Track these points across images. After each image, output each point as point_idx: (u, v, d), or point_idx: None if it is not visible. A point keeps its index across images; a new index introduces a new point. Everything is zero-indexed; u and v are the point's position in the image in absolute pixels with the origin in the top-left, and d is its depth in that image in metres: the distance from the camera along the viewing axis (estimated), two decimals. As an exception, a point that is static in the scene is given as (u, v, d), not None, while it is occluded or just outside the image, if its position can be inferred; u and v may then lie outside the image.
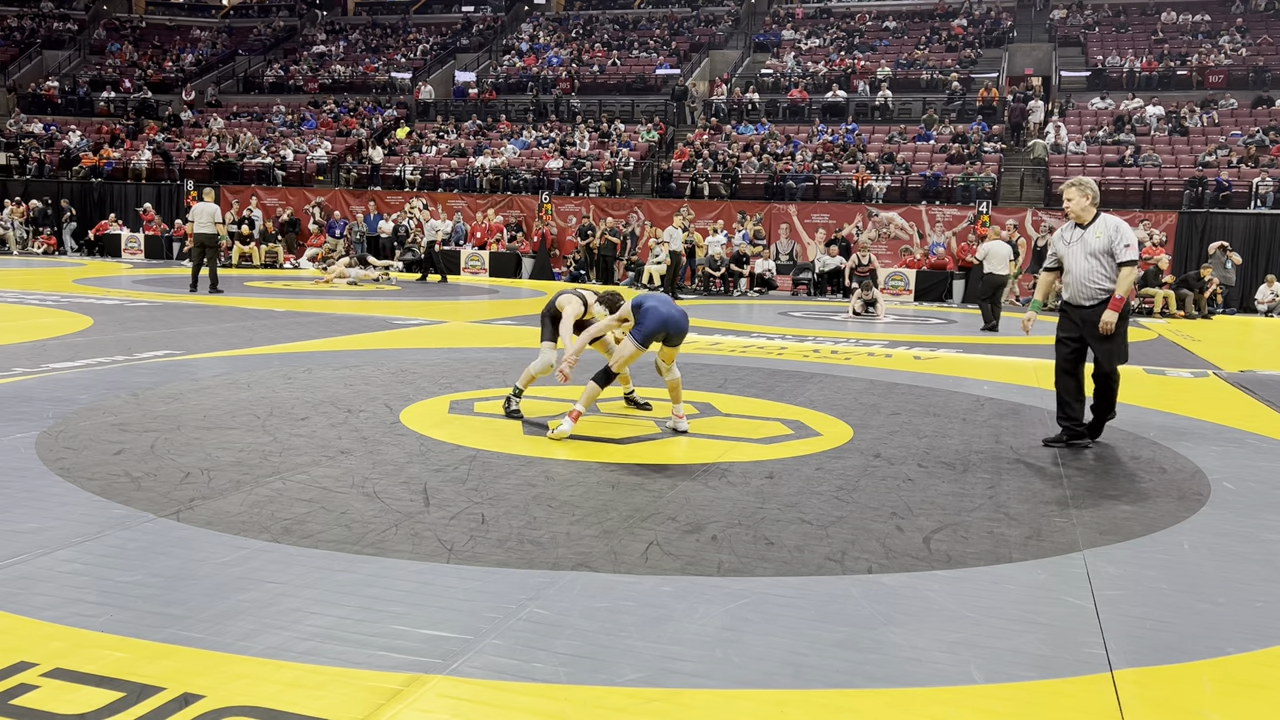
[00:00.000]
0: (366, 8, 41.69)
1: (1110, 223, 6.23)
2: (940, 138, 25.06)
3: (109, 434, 5.60)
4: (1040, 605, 3.52)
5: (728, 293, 20.27)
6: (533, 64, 32.71)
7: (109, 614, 3.14)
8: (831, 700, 2.76)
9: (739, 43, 33.31)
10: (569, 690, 2.75)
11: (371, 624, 3.13)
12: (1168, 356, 11.68)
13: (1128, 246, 6.15)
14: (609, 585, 3.55)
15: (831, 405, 7.45)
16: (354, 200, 25.25)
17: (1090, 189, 6.30)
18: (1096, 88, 27.35)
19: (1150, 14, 31.19)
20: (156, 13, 41.64)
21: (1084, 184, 6.31)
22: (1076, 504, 4.89)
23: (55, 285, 15.90)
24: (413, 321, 12.41)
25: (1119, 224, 6.24)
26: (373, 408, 6.66)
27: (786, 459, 5.64)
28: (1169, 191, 21.62)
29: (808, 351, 10.79)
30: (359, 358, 9.02)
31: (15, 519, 4.05)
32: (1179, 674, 3.02)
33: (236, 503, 4.38)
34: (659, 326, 6.11)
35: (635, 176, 25.64)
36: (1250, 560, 4.13)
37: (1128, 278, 6.16)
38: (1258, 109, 24.90)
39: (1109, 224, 6.22)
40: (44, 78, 35.20)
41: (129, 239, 25.03)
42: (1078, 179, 6.40)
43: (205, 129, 30.28)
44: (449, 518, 4.27)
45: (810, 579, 3.70)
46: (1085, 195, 6.26)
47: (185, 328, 10.80)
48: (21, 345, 8.99)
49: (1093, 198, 6.29)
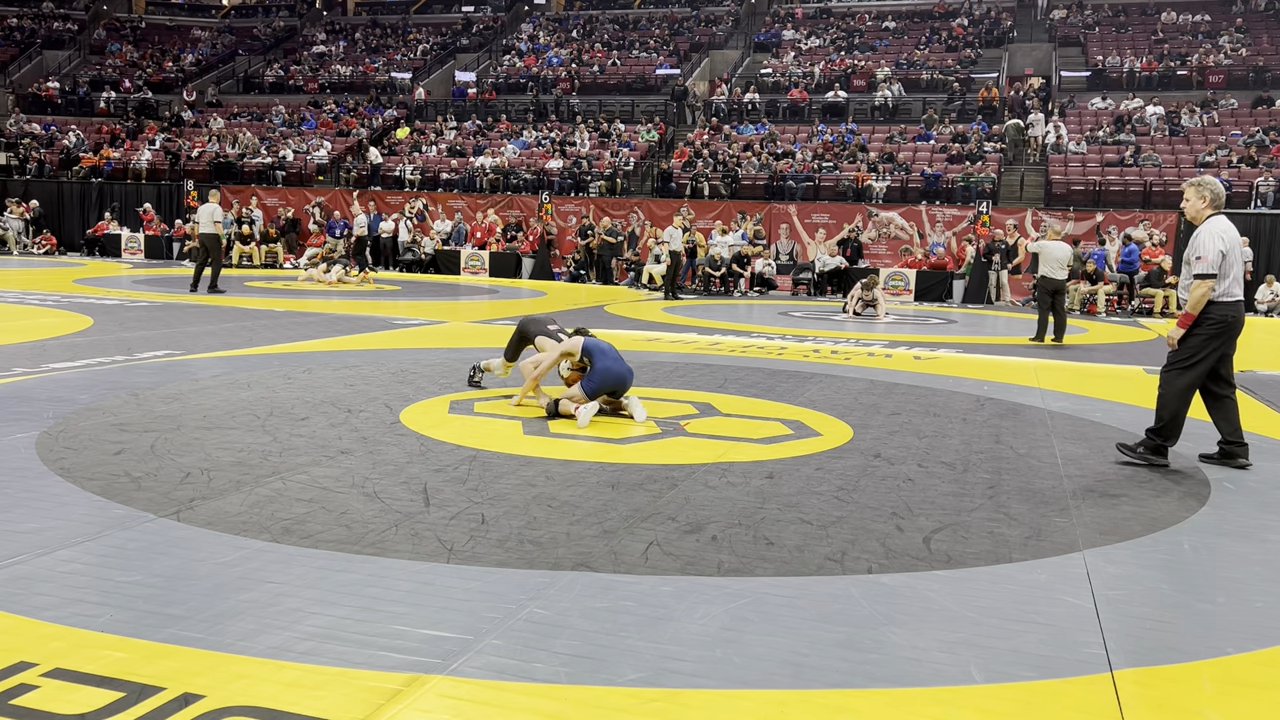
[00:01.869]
0: (366, 8, 41.70)
1: (1202, 229, 5.76)
2: (940, 138, 25.06)
3: (109, 434, 5.60)
4: (1040, 605, 3.52)
5: (728, 293, 20.27)
6: (533, 64, 32.71)
7: (109, 614, 3.14)
8: (831, 700, 2.76)
9: (739, 43, 33.32)
10: (569, 690, 2.75)
11: (371, 624, 3.13)
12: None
13: (1199, 259, 5.65)
14: (609, 585, 3.55)
15: (832, 405, 7.45)
16: (354, 200, 25.25)
17: (1209, 190, 5.79)
18: (1096, 88, 27.36)
19: (1150, 14, 31.19)
20: (156, 13, 41.65)
21: (1202, 184, 5.83)
22: (1076, 504, 4.89)
23: (55, 285, 15.90)
24: (413, 321, 12.41)
25: (1202, 230, 5.75)
26: (373, 408, 6.66)
27: (786, 459, 5.64)
28: (1169, 191, 21.60)
29: (808, 351, 10.79)
30: (359, 358, 9.02)
31: (15, 519, 4.05)
32: (1179, 674, 3.02)
33: (236, 503, 4.38)
34: (609, 383, 6.65)
35: (635, 176, 25.65)
36: (1250, 560, 4.13)
37: (1195, 290, 5.67)
38: (1258, 109, 24.91)
39: (1200, 230, 5.76)
40: (44, 78, 35.19)
41: (129, 239, 25.03)
42: (1197, 179, 5.91)
43: (205, 129, 30.29)
44: (449, 518, 4.27)
45: (810, 579, 3.70)
46: (1202, 197, 5.81)
47: (185, 328, 10.80)
48: (21, 345, 8.99)
49: (1211, 199, 5.78)
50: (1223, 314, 5.69)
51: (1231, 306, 5.71)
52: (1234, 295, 5.70)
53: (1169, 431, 5.80)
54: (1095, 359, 11.23)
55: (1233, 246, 5.72)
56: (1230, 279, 5.69)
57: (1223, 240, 5.66)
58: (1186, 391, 5.78)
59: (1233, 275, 5.70)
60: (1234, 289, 5.71)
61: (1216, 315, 5.68)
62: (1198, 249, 5.69)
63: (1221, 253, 5.62)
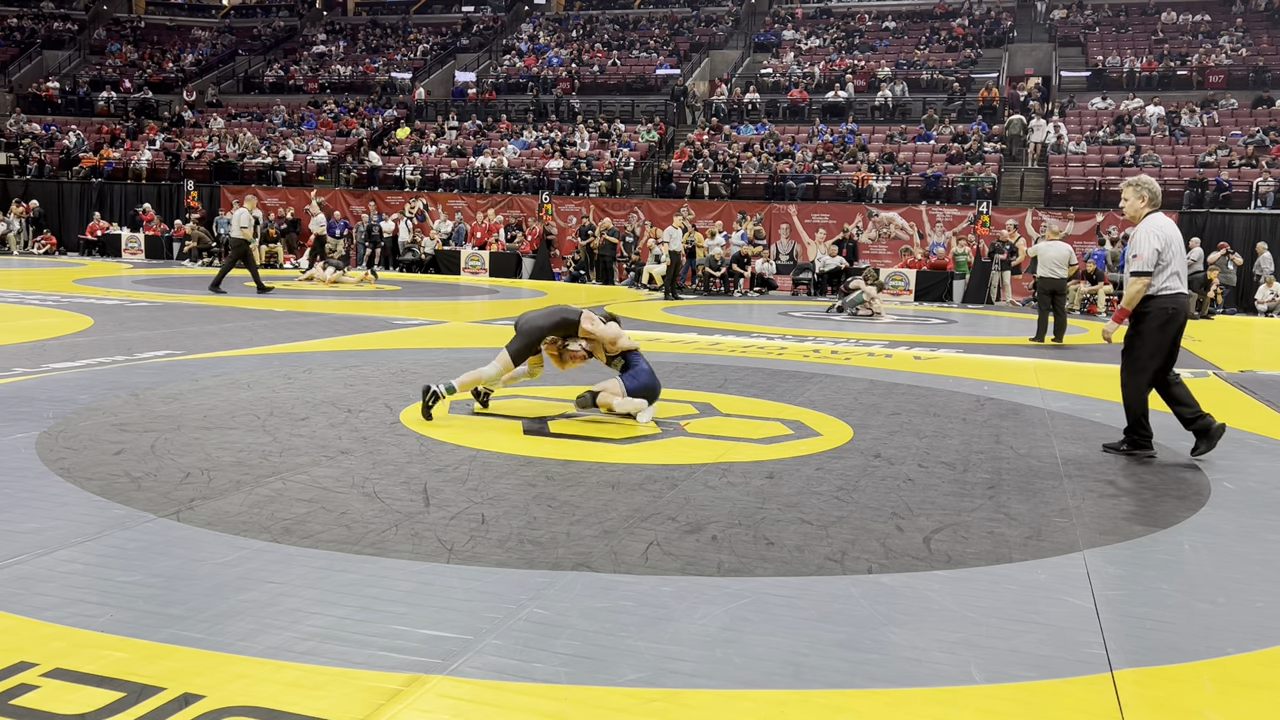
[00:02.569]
0: (366, 8, 41.70)
1: (1140, 228, 5.98)
2: (940, 138, 25.06)
3: (109, 434, 5.60)
4: (1040, 605, 3.52)
5: (728, 293, 20.27)
6: (533, 64, 32.72)
7: (109, 614, 3.14)
8: (831, 700, 2.76)
9: (739, 43, 33.32)
10: (569, 690, 2.75)
11: (371, 624, 3.13)
12: (1168, 356, 11.67)
13: (1135, 256, 5.88)
14: (609, 585, 3.55)
15: (831, 405, 7.45)
16: (354, 200, 25.26)
17: (1146, 189, 5.99)
18: (1096, 88, 27.36)
19: (1150, 14, 31.20)
20: (156, 13, 41.65)
21: (1139, 184, 6.03)
22: (1076, 504, 4.89)
23: (55, 285, 15.90)
24: (413, 321, 12.41)
25: (1140, 228, 5.97)
26: (373, 408, 6.66)
27: (786, 459, 5.64)
28: (1169, 192, 21.59)
29: (808, 351, 10.79)
30: (359, 358, 9.02)
31: (15, 519, 4.05)
32: (1179, 674, 3.02)
33: (236, 503, 4.38)
34: (651, 391, 6.64)
35: (635, 176, 25.65)
36: (1250, 560, 4.12)
37: (1131, 287, 5.91)
38: (1258, 109, 24.91)
39: (1138, 228, 5.98)
40: (44, 78, 35.20)
41: (129, 239, 25.04)
42: (1134, 179, 6.10)
43: (205, 129, 30.29)
44: (449, 518, 4.27)
45: (810, 579, 3.70)
46: (1141, 197, 6.01)
47: (185, 328, 10.80)
48: (21, 345, 8.99)
49: (1149, 198, 5.98)
50: (1164, 306, 5.90)
51: (1172, 299, 5.91)
52: (1173, 288, 5.91)
53: (1145, 425, 6.03)
54: (1095, 359, 11.23)
55: (1170, 242, 5.91)
56: (1169, 273, 5.88)
57: (1159, 237, 5.87)
58: (1148, 386, 6.02)
59: (1171, 269, 5.89)
60: (1172, 282, 5.91)
61: (1159, 308, 5.89)
62: (1135, 247, 5.91)
63: (1157, 250, 5.83)
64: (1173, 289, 5.89)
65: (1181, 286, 5.94)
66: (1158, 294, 5.88)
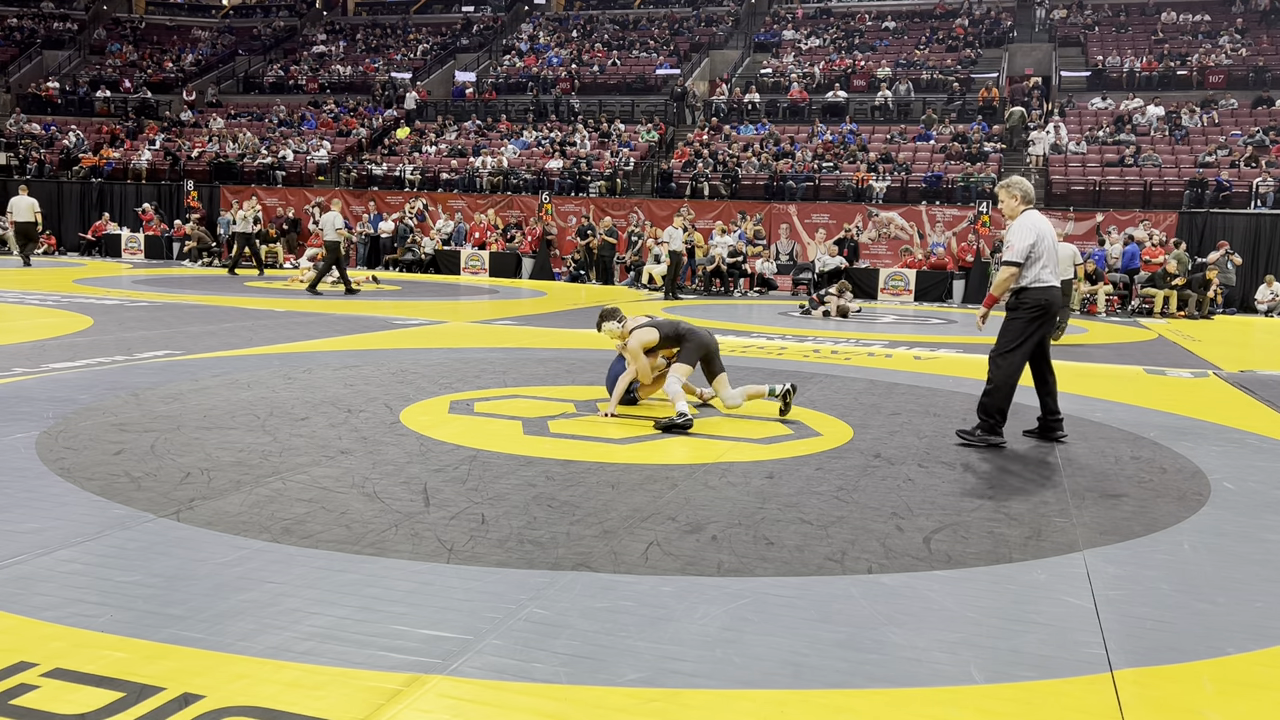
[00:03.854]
0: (366, 8, 41.70)
1: (1015, 223, 6.24)
2: (940, 138, 25.06)
3: (109, 434, 5.60)
4: (1040, 605, 3.52)
5: (728, 293, 20.27)
6: (533, 64, 32.71)
7: (109, 614, 3.14)
8: (831, 700, 2.76)
9: (739, 43, 33.31)
10: (569, 690, 2.75)
11: (371, 624, 3.13)
12: (1168, 356, 11.68)
13: (1008, 247, 6.18)
14: (609, 585, 3.55)
15: (831, 405, 7.45)
16: (354, 200, 25.25)
17: (1018, 189, 6.28)
18: (1096, 88, 27.35)
19: (1150, 14, 31.19)
20: (156, 13, 41.65)
21: (1010, 185, 6.32)
22: (1076, 504, 4.89)
23: (55, 285, 15.90)
24: (413, 321, 12.41)
25: (1015, 223, 6.22)
26: (373, 408, 6.66)
27: (786, 459, 5.64)
28: (1169, 191, 21.62)
29: (808, 351, 10.79)
30: (359, 358, 9.02)
31: (15, 519, 4.05)
32: (1179, 674, 3.02)
33: (236, 503, 4.38)
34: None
35: (635, 176, 25.64)
36: (1250, 560, 4.12)
37: (999, 275, 6.22)
38: (1258, 109, 24.91)
39: (1014, 224, 6.26)
40: (44, 78, 35.20)
41: (129, 239, 25.04)
42: (1005, 180, 6.43)
43: (205, 129, 30.29)
44: (449, 518, 4.27)
45: (810, 579, 3.70)
46: (1014, 196, 6.29)
47: (185, 328, 10.80)
48: (21, 345, 8.99)
49: (1021, 197, 6.27)
50: (1037, 299, 6.15)
51: (1045, 291, 6.17)
52: (1046, 281, 6.16)
53: (1003, 414, 6.20)
54: (1095, 359, 11.23)
55: (1043, 237, 6.18)
56: (1040, 265, 6.14)
57: (1032, 232, 6.14)
58: (1014, 373, 6.20)
59: (1043, 263, 6.15)
60: (1045, 275, 6.16)
61: (1032, 300, 6.15)
62: (1009, 240, 6.21)
63: (1031, 244, 6.10)
64: (1045, 282, 6.15)
65: (1054, 281, 6.21)
66: (1030, 286, 6.14)
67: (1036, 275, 6.14)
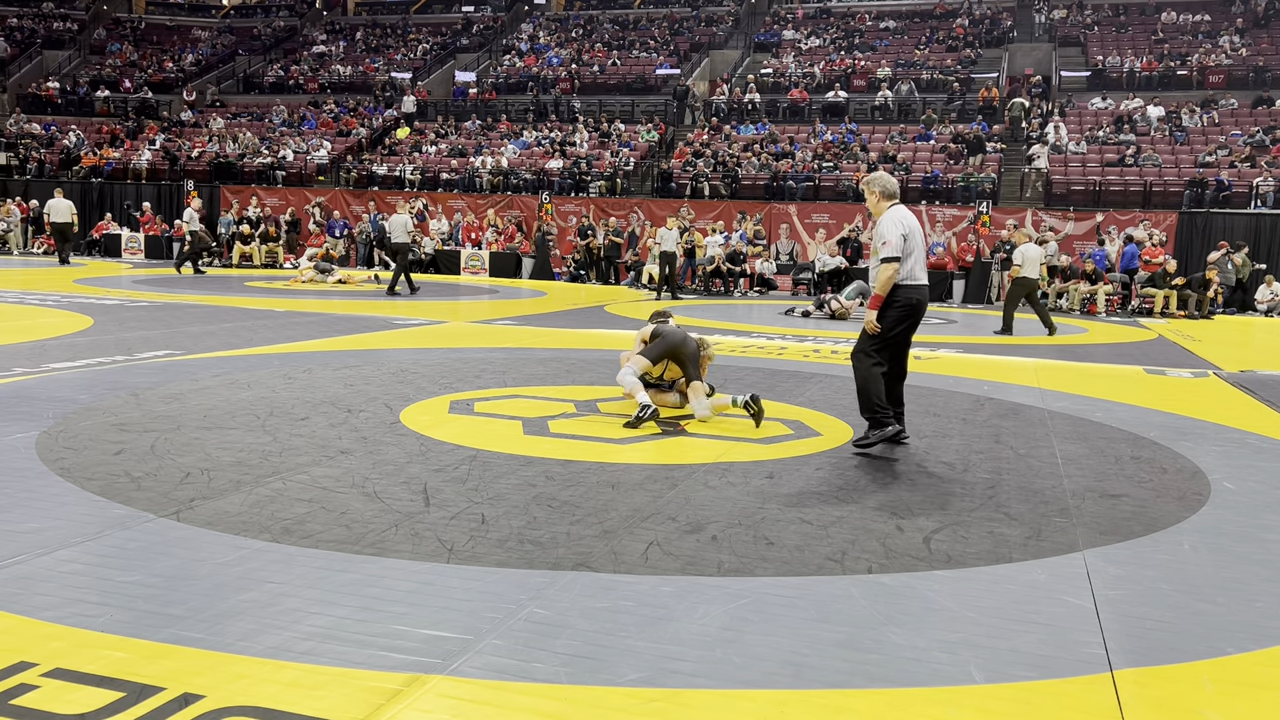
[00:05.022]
0: (366, 8, 41.70)
1: (883, 219, 6.03)
2: (940, 138, 25.06)
3: (109, 434, 5.60)
4: (1040, 605, 3.52)
5: (728, 293, 20.27)
6: (533, 64, 32.72)
7: (109, 614, 3.14)
8: (831, 700, 2.76)
9: (739, 43, 33.33)
10: (569, 690, 2.75)
11: (371, 624, 3.13)
12: (1168, 356, 11.68)
13: (885, 244, 5.92)
14: (609, 585, 3.55)
15: (831, 405, 7.45)
16: (354, 200, 25.26)
17: (879, 185, 6.09)
18: (1096, 88, 27.36)
19: (1150, 14, 31.20)
20: (156, 13, 41.66)
21: (871, 181, 6.16)
22: (1076, 504, 4.89)
23: (55, 285, 15.90)
24: (413, 321, 12.41)
25: (883, 218, 6.01)
26: (373, 408, 6.66)
27: (786, 459, 5.64)
28: (1169, 191, 21.63)
29: (808, 351, 10.79)
30: (359, 358, 9.02)
31: (15, 519, 4.05)
32: (1179, 674, 3.02)
33: (236, 503, 4.38)
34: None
35: (635, 176, 25.65)
36: (1250, 560, 4.12)
37: (882, 273, 5.92)
38: (1258, 109, 24.91)
39: (881, 219, 6.05)
40: (44, 78, 35.21)
41: (129, 239, 25.04)
42: (867, 177, 6.27)
43: (205, 129, 30.29)
44: (449, 518, 4.27)
45: (810, 579, 3.70)
46: (873, 193, 6.11)
47: (185, 328, 10.80)
48: (21, 345, 8.99)
49: (882, 192, 6.07)
50: (909, 297, 5.95)
51: (915, 289, 5.98)
52: (918, 279, 5.98)
53: (878, 407, 5.93)
54: (1095, 359, 11.23)
55: (912, 231, 5.98)
56: (912, 261, 5.95)
57: (902, 224, 5.94)
58: (877, 367, 6.00)
59: (914, 258, 5.96)
60: (916, 271, 5.98)
61: (903, 298, 5.94)
62: (881, 235, 5.96)
63: (903, 236, 5.90)
64: (916, 279, 5.97)
65: (923, 278, 6.03)
66: (903, 283, 5.94)
67: (910, 271, 5.93)
